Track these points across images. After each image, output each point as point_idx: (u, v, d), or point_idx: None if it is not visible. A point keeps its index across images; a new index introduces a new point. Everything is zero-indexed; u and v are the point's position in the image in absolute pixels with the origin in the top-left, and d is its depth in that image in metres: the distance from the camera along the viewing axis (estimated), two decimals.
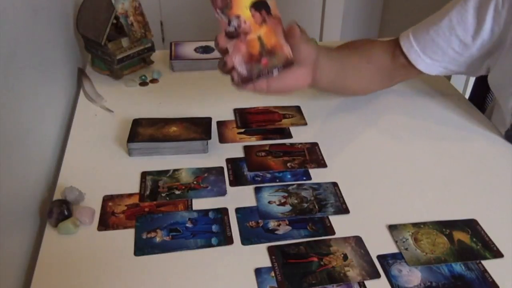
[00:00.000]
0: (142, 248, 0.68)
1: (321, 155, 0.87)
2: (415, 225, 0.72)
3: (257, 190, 0.78)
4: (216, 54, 1.16)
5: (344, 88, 0.94)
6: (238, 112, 0.98)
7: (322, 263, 0.66)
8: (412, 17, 1.17)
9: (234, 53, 0.66)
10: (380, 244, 0.69)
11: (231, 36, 0.66)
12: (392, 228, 0.72)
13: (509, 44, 0.84)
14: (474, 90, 1.27)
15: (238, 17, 0.65)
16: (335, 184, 0.80)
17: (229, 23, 0.65)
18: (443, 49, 0.90)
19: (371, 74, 0.95)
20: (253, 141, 0.90)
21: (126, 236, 0.70)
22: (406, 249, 0.68)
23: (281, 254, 0.67)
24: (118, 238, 0.69)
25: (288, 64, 0.67)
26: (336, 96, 1.05)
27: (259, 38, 0.66)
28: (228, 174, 0.81)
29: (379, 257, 0.67)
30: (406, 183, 0.81)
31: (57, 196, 0.75)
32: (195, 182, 0.79)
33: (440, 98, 1.05)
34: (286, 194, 0.77)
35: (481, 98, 1.22)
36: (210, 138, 0.86)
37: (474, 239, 0.70)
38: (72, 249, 0.68)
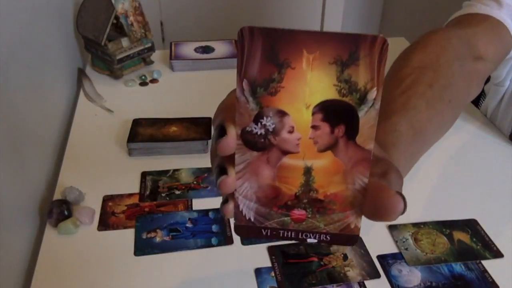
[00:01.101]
0: (142, 248, 0.68)
1: None
2: (415, 225, 0.72)
3: None
4: (216, 54, 1.16)
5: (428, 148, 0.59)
6: None
7: (322, 263, 0.66)
8: (412, 17, 1.17)
9: (245, 177, 0.35)
10: (380, 244, 0.69)
11: (250, 143, 0.34)
12: (392, 228, 0.72)
13: None
14: None
15: (281, 115, 0.33)
16: None
17: (258, 118, 0.33)
18: None
19: (454, 110, 0.61)
20: None
21: (126, 236, 0.70)
22: (406, 249, 0.68)
23: (281, 254, 0.67)
24: (118, 238, 0.69)
25: (345, 240, 0.37)
26: None
27: (307, 171, 0.35)
28: None
29: (379, 257, 0.67)
30: (406, 183, 0.81)
31: (57, 196, 0.75)
32: (195, 182, 0.79)
33: None
34: None
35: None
36: (210, 138, 0.86)
37: (474, 239, 0.70)
38: (72, 249, 0.68)
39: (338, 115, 0.33)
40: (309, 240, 0.36)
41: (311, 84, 0.32)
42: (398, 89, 0.55)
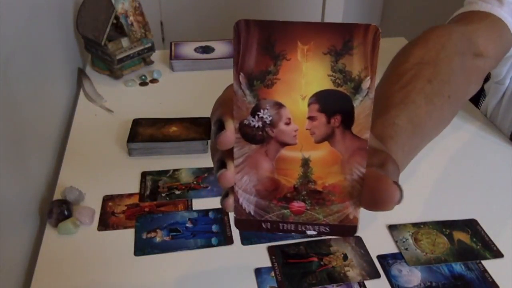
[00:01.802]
0: (142, 248, 0.68)
1: None
2: (415, 225, 0.72)
3: None
4: (216, 54, 1.16)
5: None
6: None
7: (322, 263, 0.66)
8: (412, 17, 1.17)
9: (244, 170, 0.35)
10: (380, 244, 0.69)
11: (249, 136, 0.34)
12: (392, 228, 0.72)
13: None
14: None
15: (277, 107, 0.34)
16: None
17: (255, 111, 0.34)
18: None
19: (453, 106, 0.61)
20: None
21: (126, 236, 0.70)
22: (406, 249, 0.68)
23: (281, 254, 0.67)
24: (118, 238, 0.69)
25: (344, 231, 0.36)
26: None
27: (305, 163, 0.35)
28: None
29: (379, 257, 0.67)
30: (406, 183, 0.81)
31: (57, 196, 0.75)
32: (195, 182, 0.79)
33: None
34: None
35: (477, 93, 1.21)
36: (210, 138, 0.86)
37: (474, 239, 0.70)
38: (72, 249, 0.68)
39: (333, 105, 0.33)
40: (308, 232, 0.36)
41: (307, 75, 0.32)
42: (398, 84, 0.55)
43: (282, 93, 0.33)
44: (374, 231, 0.71)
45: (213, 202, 0.76)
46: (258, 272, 0.65)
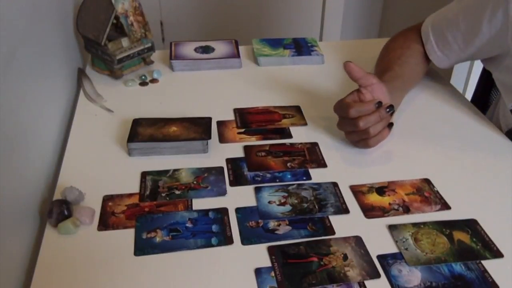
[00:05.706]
0: (142, 248, 0.68)
1: (321, 155, 0.87)
2: (415, 225, 0.72)
3: (257, 190, 0.78)
4: (216, 54, 1.16)
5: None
6: (238, 112, 0.98)
7: (322, 263, 0.66)
8: (412, 17, 1.17)
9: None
10: (380, 244, 0.69)
11: None
12: (392, 228, 0.72)
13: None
14: (478, 86, 1.27)
15: None
16: (335, 184, 0.80)
17: None
18: (450, 44, 0.97)
19: (422, 66, 1.04)
20: (253, 141, 0.90)
21: (126, 236, 0.70)
22: (406, 249, 0.68)
23: (281, 254, 0.67)
24: (118, 238, 0.69)
25: None
26: (336, 96, 1.05)
27: None
28: (228, 174, 0.81)
29: (379, 257, 0.67)
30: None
31: (57, 196, 0.75)
32: (195, 182, 0.80)
33: (440, 98, 1.05)
34: (286, 194, 0.77)
35: (485, 93, 1.22)
36: (210, 138, 0.86)
37: (474, 239, 0.70)
38: (72, 249, 0.68)
39: None
40: None
41: None
42: (392, 58, 1.01)
43: None
44: (374, 231, 0.71)
45: (213, 202, 0.76)
46: (258, 272, 0.65)
